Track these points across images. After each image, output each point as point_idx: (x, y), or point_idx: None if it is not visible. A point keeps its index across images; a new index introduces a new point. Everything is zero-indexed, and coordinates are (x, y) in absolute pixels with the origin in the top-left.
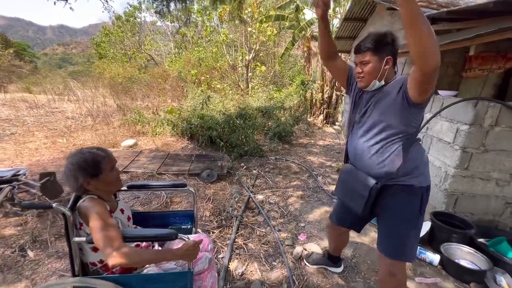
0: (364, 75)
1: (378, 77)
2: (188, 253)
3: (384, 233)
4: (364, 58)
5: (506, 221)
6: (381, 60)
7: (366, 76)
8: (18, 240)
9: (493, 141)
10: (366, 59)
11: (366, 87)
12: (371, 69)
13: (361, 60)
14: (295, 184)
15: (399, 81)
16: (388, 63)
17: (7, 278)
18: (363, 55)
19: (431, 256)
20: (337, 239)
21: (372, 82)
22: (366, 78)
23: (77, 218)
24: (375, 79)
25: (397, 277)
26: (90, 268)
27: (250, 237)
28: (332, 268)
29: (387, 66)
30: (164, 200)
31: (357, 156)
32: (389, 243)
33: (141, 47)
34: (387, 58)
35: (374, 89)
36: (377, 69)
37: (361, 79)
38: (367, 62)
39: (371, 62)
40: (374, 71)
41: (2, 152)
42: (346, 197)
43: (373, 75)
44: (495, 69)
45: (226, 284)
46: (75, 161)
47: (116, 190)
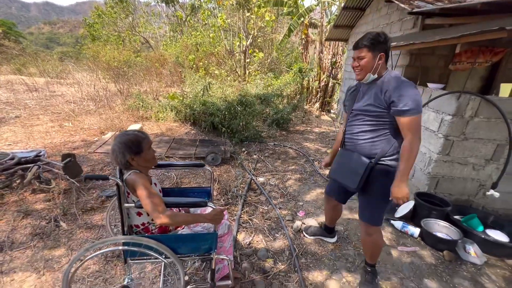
0: (360, 68)
1: (372, 70)
2: (216, 217)
3: (364, 204)
4: (361, 53)
5: (479, 201)
6: (375, 56)
7: (362, 70)
8: (50, 214)
9: (472, 130)
10: (362, 54)
11: (362, 79)
12: (366, 63)
13: (358, 55)
14: (293, 168)
15: (387, 83)
16: (381, 58)
17: (47, 244)
18: (360, 50)
19: (412, 229)
20: (332, 211)
21: (367, 75)
22: (362, 71)
23: (125, 188)
24: (369, 72)
25: (373, 237)
26: (134, 230)
27: (254, 213)
28: (327, 238)
29: (380, 62)
30: (175, 181)
31: (353, 140)
32: (367, 212)
33: (135, 29)
34: (380, 55)
35: (368, 82)
36: (371, 63)
37: (358, 72)
38: (363, 57)
39: (366, 57)
40: (368, 65)
41: (13, 135)
42: (341, 177)
43: (368, 68)
44: (482, 62)
45: (236, 251)
46: (123, 141)
47: (152, 166)
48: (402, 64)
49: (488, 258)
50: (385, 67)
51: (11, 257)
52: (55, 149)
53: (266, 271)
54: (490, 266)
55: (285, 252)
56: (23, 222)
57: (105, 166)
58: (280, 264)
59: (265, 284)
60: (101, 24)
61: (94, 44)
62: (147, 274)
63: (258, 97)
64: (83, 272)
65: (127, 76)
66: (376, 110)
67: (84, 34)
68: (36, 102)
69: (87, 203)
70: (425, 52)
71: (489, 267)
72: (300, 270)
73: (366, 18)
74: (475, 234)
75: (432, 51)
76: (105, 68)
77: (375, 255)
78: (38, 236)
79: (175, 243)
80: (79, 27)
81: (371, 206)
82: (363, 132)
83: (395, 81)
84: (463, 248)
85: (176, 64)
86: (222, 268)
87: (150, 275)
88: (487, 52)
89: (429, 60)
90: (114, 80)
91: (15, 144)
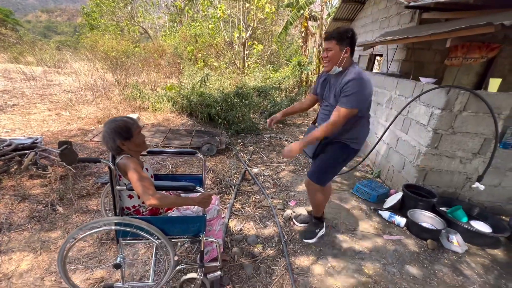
0: (328, 59)
1: (338, 63)
2: (204, 200)
3: (314, 165)
4: (329, 45)
5: (465, 194)
6: (342, 49)
7: (329, 61)
8: (46, 198)
9: (460, 124)
10: (331, 46)
11: (329, 70)
12: (333, 55)
13: (327, 47)
14: (287, 160)
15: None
16: (346, 52)
17: (44, 226)
18: (329, 42)
19: (398, 219)
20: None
21: (334, 67)
22: (330, 63)
23: (117, 172)
24: (335, 65)
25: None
26: (125, 212)
27: (247, 202)
28: None
29: (345, 55)
30: (170, 170)
31: (321, 122)
32: (312, 170)
33: (134, 19)
34: (346, 49)
35: (334, 73)
36: (338, 56)
37: (327, 63)
38: (331, 49)
39: (334, 50)
40: (335, 57)
41: (10, 122)
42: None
43: (334, 60)
44: (478, 58)
45: (227, 236)
46: (112, 127)
47: (143, 151)
48: (399, 58)
49: (470, 247)
50: (350, 61)
51: (9, 238)
52: (52, 137)
53: (255, 256)
54: (470, 255)
55: (274, 238)
56: (20, 206)
57: (101, 154)
58: (269, 249)
59: (253, 267)
60: (99, 13)
61: (92, 33)
62: (140, 256)
63: (256, 89)
64: (79, 253)
65: (125, 67)
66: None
67: (82, 23)
68: (33, 91)
69: (83, 189)
70: (421, 46)
71: (470, 255)
72: (288, 255)
73: (365, 12)
74: (458, 224)
75: (428, 46)
76: (103, 58)
77: (318, 209)
78: (35, 219)
79: (165, 225)
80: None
81: (318, 166)
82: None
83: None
84: (446, 237)
85: (175, 55)
86: (211, 250)
87: (143, 258)
88: (483, 48)
89: (426, 55)
90: (112, 70)
91: (13, 132)
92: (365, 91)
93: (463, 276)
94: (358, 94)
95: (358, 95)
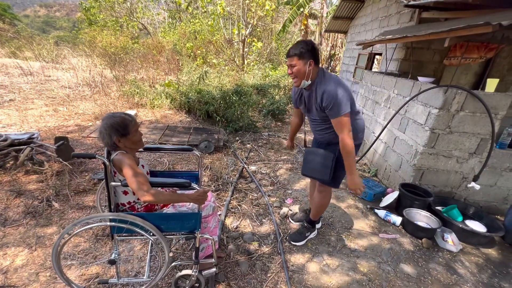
0: (294, 75)
1: (305, 77)
2: (199, 198)
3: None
4: (292, 61)
5: (461, 193)
6: (306, 63)
7: (296, 76)
8: (42, 194)
9: (457, 124)
10: (294, 62)
11: (299, 86)
12: (298, 70)
13: (290, 63)
14: (285, 158)
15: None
16: (310, 65)
17: (40, 222)
18: (291, 59)
19: (394, 218)
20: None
21: (302, 82)
22: (297, 78)
23: (112, 168)
24: (303, 79)
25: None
26: (120, 208)
27: (244, 200)
28: None
29: (310, 67)
30: (167, 167)
31: (316, 134)
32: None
33: (133, 15)
34: (310, 61)
35: (305, 87)
36: (302, 70)
37: (294, 79)
38: (295, 65)
39: (298, 65)
40: (300, 72)
41: (7, 118)
42: (313, 173)
43: (301, 75)
44: (476, 58)
45: (223, 233)
46: (109, 123)
47: (139, 148)
48: (398, 57)
49: (465, 246)
50: (316, 71)
51: (4, 233)
52: (49, 132)
53: (251, 253)
54: (465, 254)
55: (270, 236)
56: (16, 201)
57: (98, 150)
58: (265, 247)
59: (249, 264)
60: (98, 9)
61: (91, 29)
62: (136, 252)
63: (255, 87)
64: (74, 249)
65: (124, 63)
66: (322, 115)
67: (81, 18)
68: (31, 86)
69: (79, 185)
70: (421, 46)
71: (464, 254)
72: (284, 253)
73: (365, 10)
74: (453, 223)
75: (428, 46)
76: (101, 53)
77: (318, 212)
78: (31, 215)
79: (160, 221)
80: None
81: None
82: (321, 129)
83: (321, 87)
84: (441, 236)
85: (174, 51)
86: (207, 247)
87: (138, 254)
88: (481, 48)
89: (425, 54)
90: (110, 66)
91: (9, 127)
92: (342, 93)
93: (457, 274)
94: (339, 100)
95: (340, 100)
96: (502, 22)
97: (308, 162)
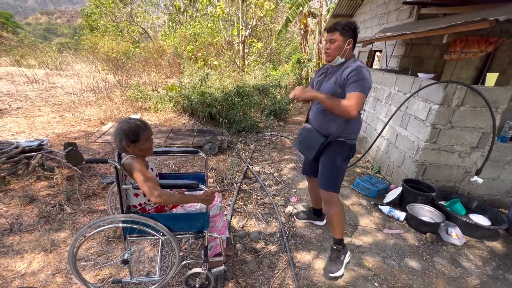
0: (331, 51)
1: (341, 54)
2: (207, 198)
3: (321, 172)
4: (333, 36)
5: (464, 187)
6: (345, 41)
7: (332, 52)
8: (54, 199)
9: (458, 119)
10: (334, 37)
11: (331, 61)
12: (337, 46)
13: (330, 38)
14: (288, 157)
15: (350, 69)
16: (349, 44)
17: (53, 226)
18: (333, 33)
19: (398, 214)
20: (314, 190)
21: (336, 58)
22: (332, 54)
23: (122, 171)
24: (338, 55)
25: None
26: (132, 210)
27: (249, 199)
28: (317, 221)
29: (348, 46)
30: (173, 169)
31: (314, 118)
32: (324, 179)
33: (133, 19)
34: (349, 40)
35: (336, 64)
36: (341, 47)
37: (328, 54)
38: (335, 40)
39: (338, 41)
40: (338, 48)
41: (16, 125)
42: (301, 148)
43: (338, 51)
44: (477, 52)
45: (230, 233)
46: (123, 128)
47: (147, 156)
48: (398, 54)
49: (469, 240)
50: (352, 53)
51: (20, 237)
52: (57, 139)
53: (258, 251)
54: (469, 247)
55: (276, 234)
56: (29, 206)
57: (105, 155)
58: (271, 245)
59: (256, 262)
60: (99, 14)
61: (93, 34)
62: (147, 253)
63: (256, 87)
64: (87, 251)
65: (126, 68)
66: (336, 90)
67: (82, 24)
68: (36, 93)
69: (89, 189)
70: (420, 42)
71: (468, 248)
72: (290, 250)
73: (364, 8)
74: (457, 217)
75: (427, 41)
76: (103, 59)
77: (339, 226)
78: (44, 219)
79: (170, 221)
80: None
81: (326, 173)
82: (322, 113)
83: (354, 65)
84: (445, 230)
85: (175, 55)
86: (215, 246)
87: (149, 254)
88: (481, 42)
89: (425, 50)
90: (113, 71)
91: (18, 134)
92: (369, 80)
93: (461, 267)
94: (365, 81)
95: (365, 82)
96: (499, 17)
97: (301, 136)
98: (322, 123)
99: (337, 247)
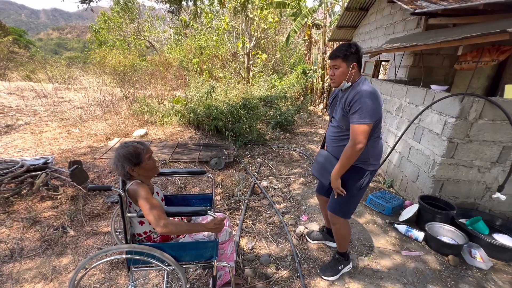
0: (336, 77)
1: (346, 78)
2: (216, 226)
3: (335, 199)
4: (335, 63)
5: (485, 204)
6: (349, 66)
7: (337, 78)
8: (57, 220)
9: (476, 133)
10: (337, 64)
11: (337, 86)
12: (341, 73)
13: (333, 64)
14: (297, 171)
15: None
16: (353, 68)
17: (55, 250)
18: (335, 61)
19: (416, 234)
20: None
21: (342, 83)
22: (337, 80)
23: (127, 198)
24: (344, 80)
25: (337, 226)
26: (137, 238)
27: (257, 218)
28: (330, 243)
29: (353, 70)
30: (179, 186)
31: (329, 142)
32: (333, 203)
33: (140, 34)
34: (353, 64)
35: (344, 88)
36: (345, 72)
37: (333, 80)
38: (338, 66)
39: (341, 67)
40: (343, 74)
41: (23, 142)
42: (318, 174)
43: (343, 77)
44: (488, 61)
45: (238, 256)
46: (122, 153)
47: (153, 175)
48: (406, 64)
49: (495, 262)
50: (358, 74)
51: (21, 264)
52: (62, 155)
53: (269, 277)
54: (496, 271)
55: (288, 257)
56: (31, 229)
57: (111, 172)
58: (283, 269)
59: None
60: (107, 30)
61: (101, 49)
62: (151, 280)
63: (261, 99)
64: (90, 279)
65: (132, 81)
66: (343, 119)
67: (91, 39)
68: (44, 108)
69: (93, 210)
70: (429, 52)
71: (496, 272)
72: (303, 276)
73: (369, 18)
74: (481, 238)
75: (437, 51)
76: (111, 73)
77: (342, 244)
78: (46, 243)
79: (176, 251)
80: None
81: (339, 198)
82: (335, 137)
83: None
84: (468, 252)
85: (181, 67)
86: (224, 274)
87: (154, 281)
88: (493, 51)
89: (434, 60)
90: (119, 85)
91: (25, 151)
92: (372, 106)
93: None
94: (367, 108)
95: (368, 109)
96: None
97: (317, 162)
98: (336, 148)
99: (339, 257)
